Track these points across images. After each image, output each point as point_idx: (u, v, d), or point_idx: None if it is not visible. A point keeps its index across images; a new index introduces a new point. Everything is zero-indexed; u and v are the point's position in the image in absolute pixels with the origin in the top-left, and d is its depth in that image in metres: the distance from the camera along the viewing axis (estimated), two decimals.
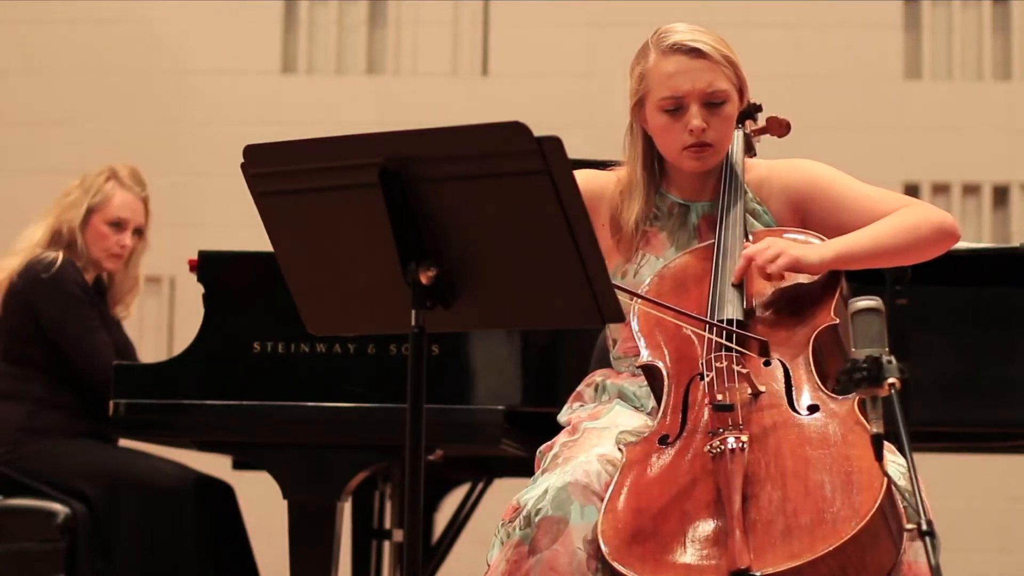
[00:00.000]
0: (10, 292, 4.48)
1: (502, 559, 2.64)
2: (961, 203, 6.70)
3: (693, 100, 2.93)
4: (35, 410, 4.42)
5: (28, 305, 4.44)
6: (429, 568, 4.63)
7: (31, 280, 4.45)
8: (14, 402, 4.44)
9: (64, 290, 4.44)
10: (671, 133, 2.95)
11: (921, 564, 2.48)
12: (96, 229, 4.56)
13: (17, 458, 4.36)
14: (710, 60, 2.93)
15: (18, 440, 4.38)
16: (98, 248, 4.56)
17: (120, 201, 4.58)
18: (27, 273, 4.46)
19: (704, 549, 2.48)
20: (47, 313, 4.42)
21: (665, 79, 2.94)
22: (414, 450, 2.44)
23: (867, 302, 2.38)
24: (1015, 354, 3.85)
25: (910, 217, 2.91)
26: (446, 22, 6.89)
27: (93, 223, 4.56)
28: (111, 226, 4.57)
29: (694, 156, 2.95)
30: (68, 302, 4.43)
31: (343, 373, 3.67)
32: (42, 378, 4.44)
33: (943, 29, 6.85)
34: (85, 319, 4.43)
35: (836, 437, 2.58)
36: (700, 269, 2.90)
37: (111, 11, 6.92)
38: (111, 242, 4.56)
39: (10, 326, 4.49)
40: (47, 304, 4.42)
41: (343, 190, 2.48)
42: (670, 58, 2.94)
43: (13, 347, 4.49)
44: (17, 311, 4.47)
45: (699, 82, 2.93)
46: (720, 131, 2.95)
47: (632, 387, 2.93)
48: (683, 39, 2.94)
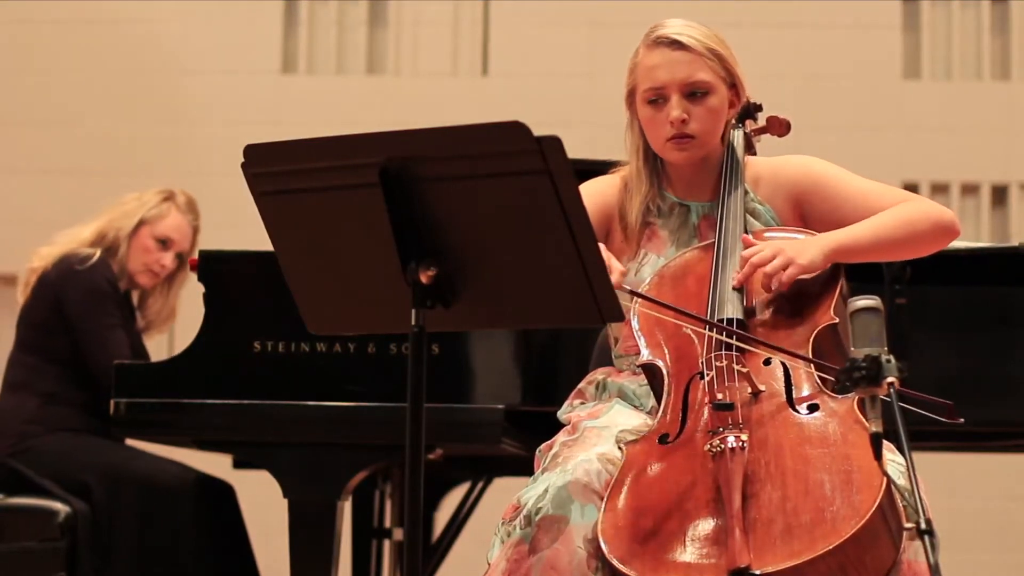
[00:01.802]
0: (41, 281, 4.54)
1: (502, 558, 2.65)
2: (960, 202, 6.71)
3: (673, 91, 2.95)
4: (45, 404, 4.45)
5: (56, 295, 4.49)
6: (429, 567, 4.64)
7: (64, 271, 4.51)
8: (25, 393, 4.48)
9: (94, 284, 4.49)
10: (655, 125, 2.98)
11: (921, 563, 2.48)
12: (142, 241, 4.62)
13: (23, 451, 4.39)
14: (691, 52, 2.96)
15: (25, 432, 4.41)
16: (138, 261, 4.61)
17: (173, 221, 4.66)
18: (61, 264, 4.53)
19: (704, 548, 2.49)
20: (72, 303, 4.47)
21: (648, 71, 2.97)
22: (414, 449, 2.44)
23: (866, 301, 2.38)
24: (1014, 353, 3.85)
25: (910, 211, 2.92)
26: (446, 22, 6.90)
27: (141, 235, 4.62)
28: (157, 242, 4.63)
29: (676, 147, 2.97)
30: (95, 295, 4.48)
31: (343, 372, 3.68)
32: (56, 372, 4.48)
33: (942, 29, 6.85)
34: (107, 315, 4.47)
35: (836, 436, 2.59)
36: (700, 268, 2.91)
37: (111, 11, 6.92)
38: (152, 258, 4.63)
39: (35, 315, 4.54)
40: (74, 294, 4.48)
41: (343, 190, 2.48)
42: (654, 51, 2.98)
43: (33, 337, 4.53)
44: (45, 300, 4.52)
45: (678, 73, 2.95)
46: (703, 123, 2.96)
47: (632, 385, 2.94)
48: (667, 32, 2.98)
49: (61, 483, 4.31)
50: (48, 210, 6.61)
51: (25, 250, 6.55)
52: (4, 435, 4.44)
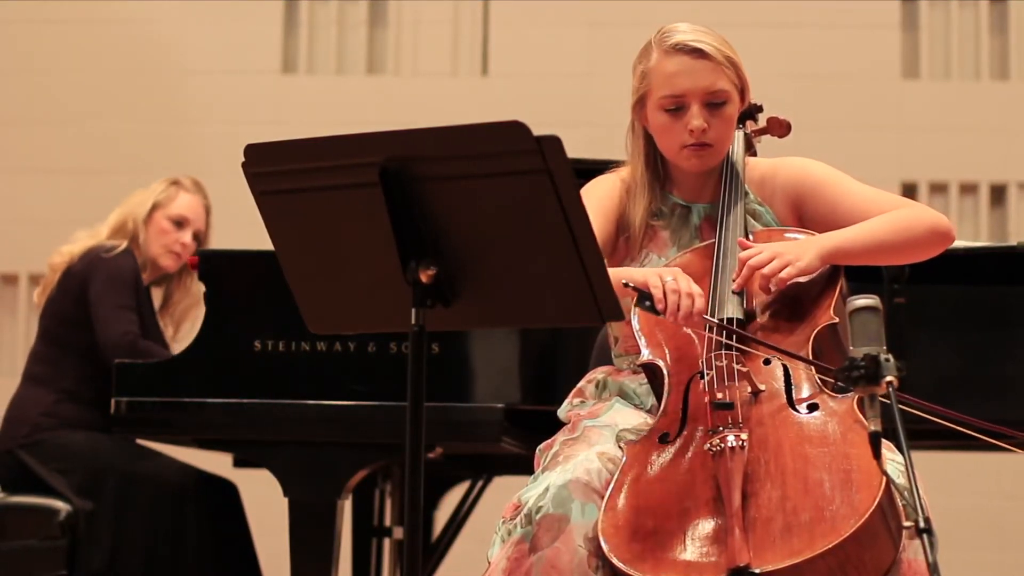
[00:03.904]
0: (68, 272, 4.60)
1: (503, 556, 2.65)
2: (958, 202, 6.71)
3: (694, 100, 2.94)
4: (60, 399, 4.50)
5: (82, 284, 4.55)
6: (429, 565, 4.64)
7: (91, 259, 4.58)
8: (42, 388, 4.52)
9: (118, 269, 4.55)
10: (671, 132, 2.97)
11: (920, 562, 2.49)
12: (158, 225, 4.70)
13: (34, 443, 4.42)
14: (712, 60, 2.94)
15: (38, 425, 4.44)
16: (158, 244, 4.69)
17: (184, 201, 4.75)
18: (88, 254, 4.60)
19: (704, 547, 2.49)
20: (94, 287, 4.53)
21: (667, 78, 2.95)
22: (414, 448, 2.45)
23: (865, 301, 2.38)
24: (1012, 352, 3.86)
25: (906, 216, 2.93)
26: (446, 22, 6.90)
27: (155, 218, 4.70)
28: (173, 223, 4.70)
29: (694, 154, 2.96)
30: (116, 280, 4.53)
31: (343, 371, 3.68)
32: (74, 368, 4.52)
33: (941, 29, 6.86)
34: (122, 296, 4.52)
35: (835, 435, 2.59)
36: (701, 268, 2.91)
37: (111, 11, 6.92)
38: (171, 238, 4.70)
39: (59, 306, 4.58)
40: (97, 278, 4.54)
41: (344, 189, 2.48)
42: (672, 57, 2.95)
43: (56, 329, 4.57)
44: (70, 292, 4.57)
45: (700, 82, 2.94)
46: (720, 131, 2.97)
47: (633, 384, 2.94)
48: (686, 39, 2.95)
49: (67, 479, 4.32)
50: (48, 210, 6.62)
51: (25, 249, 6.57)
52: (18, 424, 4.48)
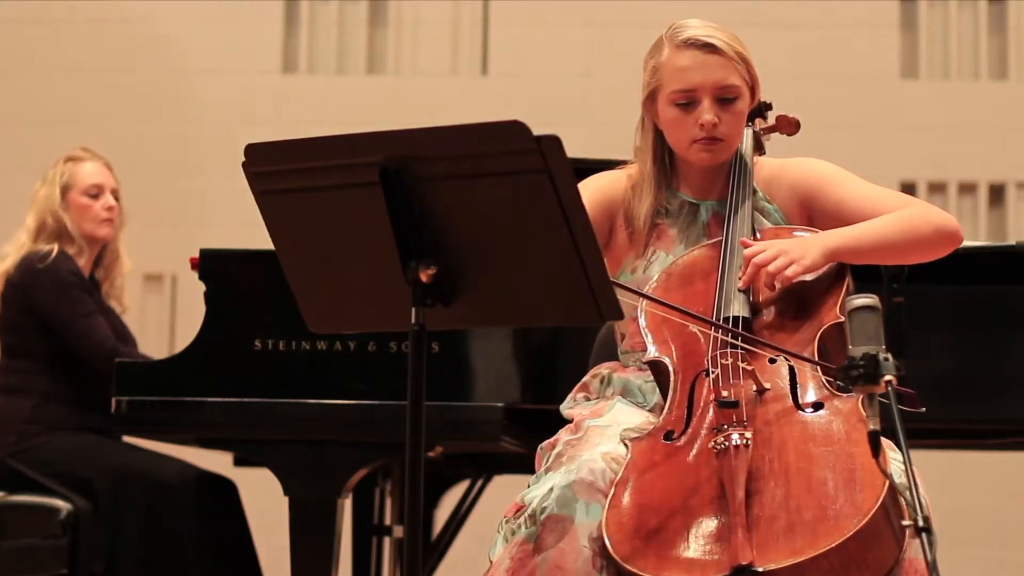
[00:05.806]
0: (8, 286, 4.56)
1: (506, 556, 2.65)
2: (957, 202, 6.71)
3: (705, 94, 2.95)
4: (40, 403, 4.47)
5: (26, 296, 4.50)
6: (429, 564, 4.65)
7: (27, 271, 4.53)
8: (20, 395, 4.49)
9: (59, 277, 4.50)
10: (682, 127, 2.98)
11: (921, 561, 2.48)
12: (77, 203, 4.65)
13: (23, 449, 4.41)
14: (723, 56, 2.96)
15: (24, 432, 4.43)
16: (87, 220, 4.64)
17: (88, 170, 4.70)
18: (23, 265, 4.54)
19: (707, 545, 2.49)
20: (43, 301, 4.48)
21: (678, 73, 2.96)
22: (414, 447, 2.45)
23: (864, 300, 2.39)
24: (1012, 351, 3.86)
25: (913, 215, 2.93)
26: (446, 22, 6.90)
27: (72, 200, 4.65)
28: (89, 197, 4.65)
29: (704, 149, 2.97)
30: (63, 288, 4.50)
31: (343, 370, 3.69)
32: (47, 371, 4.50)
33: (939, 29, 6.86)
34: (79, 303, 4.49)
35: (840, 434, 2.59)
36: (708, 266, 2.92)
37: (111, 11, 6.92)
38: (95, 210, 4.66)
39: (11, 320, 4.55)
40: (43, 292, 4.49)
41: (344, 189, 2.49)
42: (684, 52, 2.97)
43: (15, 341, 4.55)
44: (16, 304, 4.53)
45: (712, 76, 2.95)
46: (731, 126, 2.98)
47: (638, 381, 2.95)
48: (698, 34, 2.97)
49: (63, 481, 4.32)
50: None
51: None
52: (3, 435, 4.45)
